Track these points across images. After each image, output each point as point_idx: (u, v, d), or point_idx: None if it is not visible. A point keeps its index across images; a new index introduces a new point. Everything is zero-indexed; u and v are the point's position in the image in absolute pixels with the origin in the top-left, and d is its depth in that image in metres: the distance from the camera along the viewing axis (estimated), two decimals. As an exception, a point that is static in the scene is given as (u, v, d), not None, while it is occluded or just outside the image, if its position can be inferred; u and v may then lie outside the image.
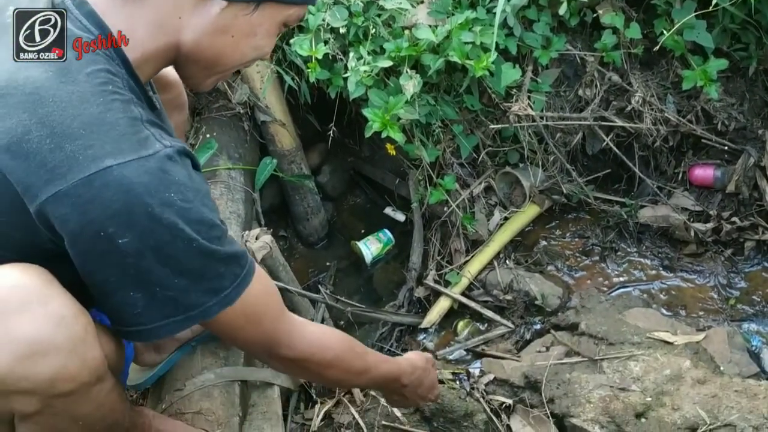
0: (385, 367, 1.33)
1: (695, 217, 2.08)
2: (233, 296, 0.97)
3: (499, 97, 2.01)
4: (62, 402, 0.89)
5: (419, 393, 1.46)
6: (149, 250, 0.87)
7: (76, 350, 0.86)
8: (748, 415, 1.53)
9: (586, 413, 1.61)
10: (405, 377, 1.38)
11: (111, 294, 0.90)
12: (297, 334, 1.11)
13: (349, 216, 2.60)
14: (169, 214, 0.86)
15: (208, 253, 0.91)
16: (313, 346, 1.13)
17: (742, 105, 2.06)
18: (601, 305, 1.92)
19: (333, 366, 1.17)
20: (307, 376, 1.25)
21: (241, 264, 0.98)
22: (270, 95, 2.21)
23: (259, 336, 1.06)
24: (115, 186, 0.83)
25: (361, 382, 1.34)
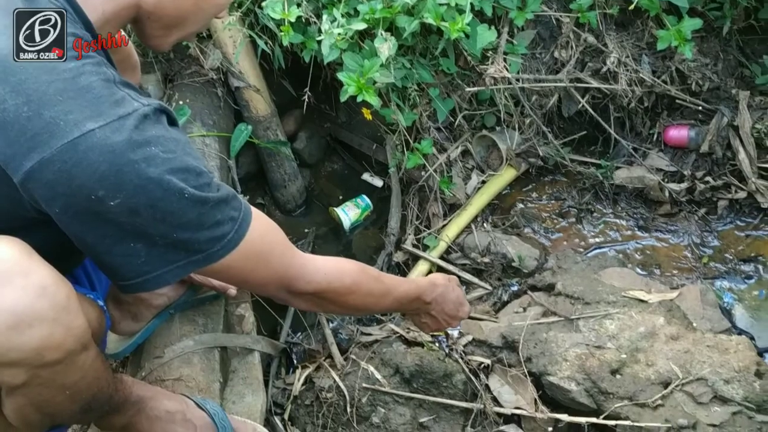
0: (405, 287, 1.35)
1: (670, 178, 2.11)
2: (236, 239, 0.98)
3: (475, 59, 1.99)
4: (49, 372, 0.89)
5: (447, 311, 1.47)
6: (143, 207, 0.87)
7: (61, 319, 0.86)
8: (720, 369, 1.57)
9: (562, 371, 1.64)
10: (427, 294, 1.39)
11: (110, 250, 0.91)
12: (310, 266, 1.12)
13: (326, 182, 2.59)
14: (154, 167, 0.87)
15: (201, 201, 0.92)
16: (328, 275, 1.14)
17: (716, 65, 2.07)
18: (577, 266, 1.94)
19: (353, 292, 1.19)
20: (330, 308, 1.24)
21: (235, 206, 0.98)
22: (243, 60, 2.17)
23: (271, 275, 1.07)
24: (100, 148, 0.84)
25: (385, 304, 1.34)
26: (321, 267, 1.14)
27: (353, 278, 1.19)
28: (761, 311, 1.84)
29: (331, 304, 1.20)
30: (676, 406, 1.53)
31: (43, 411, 0.96)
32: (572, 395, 1.60)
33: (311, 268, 1.12)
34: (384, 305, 1.36)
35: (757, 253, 1.96)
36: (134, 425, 1.16)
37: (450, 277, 1.53)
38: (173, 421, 1.18)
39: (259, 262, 1.04)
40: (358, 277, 1.20)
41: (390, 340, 1.84)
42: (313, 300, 1.16)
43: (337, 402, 1.68)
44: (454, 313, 1.51)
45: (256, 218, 1.02)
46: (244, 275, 1.04)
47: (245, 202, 1.02)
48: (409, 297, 1.36)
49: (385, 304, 1.34)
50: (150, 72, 2.20)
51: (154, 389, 1.21)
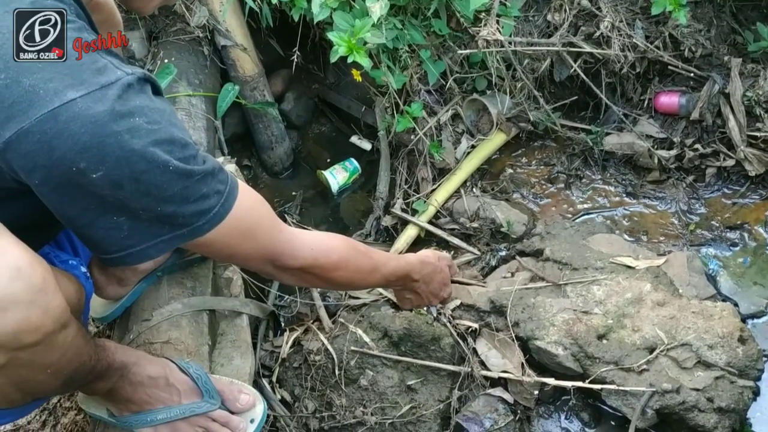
0: (394, 263, 1.33)
1: (659, 144, 2.11)
2: (222, 213, 0.96)
3: (467, 21, 1.96)
4: (28, 353, 0.87)
5: (431, 289, 1.46)
6: (126, 180, 0.85)
7: (37, 301, 0.84)
8: (704, 334, 1.59)
9: (549, 336, 1.65)
10: (415, 272, 1.38)
11: (92, 223, 0.89)
12: (297, 241, 1.11)
13: (314, 145, 2.56)
14: (138, 138, 0.84)
15: (186, 174, 0.89)
16: (315, 250, 1.12)
17: (710, 31, 2.05)
18: (565, 231, 1.94)
19: (340, 267, 1.17)
20: (317, 283, 1.22)
21: (221, 180, 0.96)
22: (230, 18, 2.12)
23: (258, 250, 1.06)
24: (81, 119, 0.81)
25: (373, 280, 1.32)
26: (308, 242, 1.13)
27: (340, 254, 1.18)
28: (745, 278, 1.86)
29: (318, 279, 1.18)
30: (661, 371, 1.56)
31: (24, 389, 0.94)
32: (559, 360, 1.62)
33: (298, 243, 1.11)
34: (372, 281, 1.34)
35: (743, 221, 1.98)
36: (117, 390, 1.15)
37: (440, 255, 1.51)
38: (156, 386, 1.17)
39: (245, 237, 1.02)
40: (346, 253, 1.19)
41: (378, 303, 1.84)
42: (300, 275, 1.15)
43: (326, 364, 1.69)
44: (437, 292, 1.49)
45: (243, 192, 1.00)
46: (230, 249, 1.02)
47: (231, 175, 1.00)
48: (397, 274, 1.34)
49: (372, 280, 1.32)
50: (134, 29, 2.15)
51: (137, 354, 1.20)
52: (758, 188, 2.03)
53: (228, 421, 1.20)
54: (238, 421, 1.21)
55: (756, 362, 1.58)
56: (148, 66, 2.13)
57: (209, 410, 1.19)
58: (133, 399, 1.16)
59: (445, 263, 1.52)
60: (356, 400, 1.65)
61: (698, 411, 1.50)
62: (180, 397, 1.18)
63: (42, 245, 1.08)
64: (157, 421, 1.16)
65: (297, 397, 1.70)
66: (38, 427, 1.54)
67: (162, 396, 1.17)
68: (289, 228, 1.12)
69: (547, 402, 1.69)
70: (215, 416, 1.19)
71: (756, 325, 1.77)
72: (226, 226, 0.97)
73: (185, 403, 1.18)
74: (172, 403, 1.17)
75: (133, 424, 1.17)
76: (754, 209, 2.00)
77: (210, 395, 1.20)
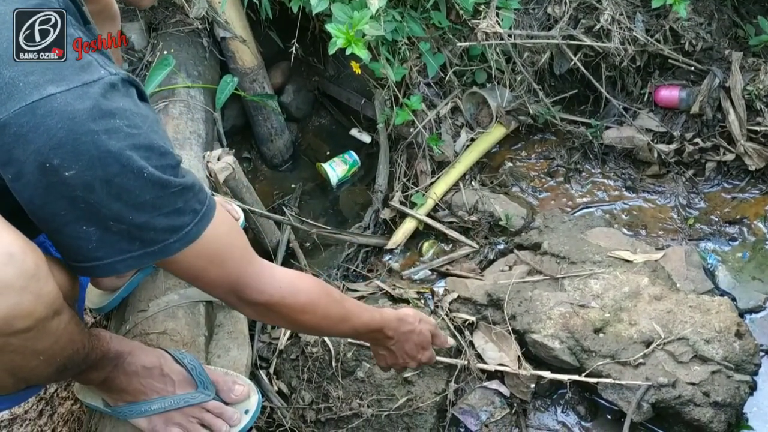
0: (368, 316, 1.26)
1: (659, 138, 2.10)
2: (194, 233, 0.93)
3: (467, 13, 1.96)
4: (20, 339, 0.86)
5: (406, 350, 1.37)
6: (98, 183, 0.83)
7: (29, 287, 0.83)
8: (701, 329, 1.59)
9: (546, 329, 1.65)
10: (389, 329, 1.30)
11: (62, 228, 0.87)
12: (266, 276, 1.06)
13: (314, 137, 2.56)
14: (116, 141, 0.83)
15: (162, 184, 0.87)
16: (283, 289, 1.07)
17: (710, 25, 2.04)
18: (563, 225, 1.94)
19: (307, 311, 1.11)
20: (282, 323, 1.18)
21: (199, 199, 0.94)
22: (229, 10, 2.12)
23: (223, 278, 1.02)
24: (59, 114, 0.80)
25: (343, 330, 1.25)
26: (278, 279, 1.08)
27: (310, 297, 1.11)
28: (744, 273, 1.86)
29: (283, 320, 1.13)
30: (657, 365, 1.55)
31: (17, 375, 0.94)
32: (555, 353, 1.62)
33: (267, 278, 1.06)
34: (340, 331, 1.28)
35: (742, 216, 1.97)
36: (112, 380, 1.15)
37: (423, 317, 1.42)
38: (150, 376, 1.17)
39: (213, 262, 0.99)
40: (316, 297, 1.13)
41: (376, 296, 1.84)
42: (264, 312, 1.10)
43: (323, 356, 1.69)
44: (413, 353, 1.39)
45: (219, 216, 0.97)
46: (195, 272, 0.99)
47: (212, 198, 0.97)
48: (369, 327, 1.26)
49: (341, 329, 1.25)
50: (133, 20, 2.15)
51: (131, 344, 1.20)
52: (758, 183, 2.02)
53: (222, 412, 1.20)
54: (232, 411, 1.21)
55: (753, 357, 1.58)
56: (147, 57, 2.13)
57: (203, 401, 1.19)
58: (127, 389, 1.16)
59: (427, 327, 1.42)
60: (353, 392, 1.65)
61: (694, 405, 1.50)
62: (174, 388, 1.19)
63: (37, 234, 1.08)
64: (151, 411, 1.17)
65: (294, 389, 1.70)
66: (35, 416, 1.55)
67: (156, 386, 1.17)
68: (260, 261, 1.07)
69: (543, 395, 1.69)
70: (209, 407, 1.20)
71: (754, 320, 1.77)
72: (196, 248, 0.94)
73: (179, 393, 1.18)
74: (166, 394, 1.18)
75: (128, 414, 1.18)
76: (753, 204, 2.00)
77: (204, 386, 1.20)
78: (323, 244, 2.12)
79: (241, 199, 1.82)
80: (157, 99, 1.95)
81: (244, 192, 1.83)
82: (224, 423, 1.20)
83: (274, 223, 2.03)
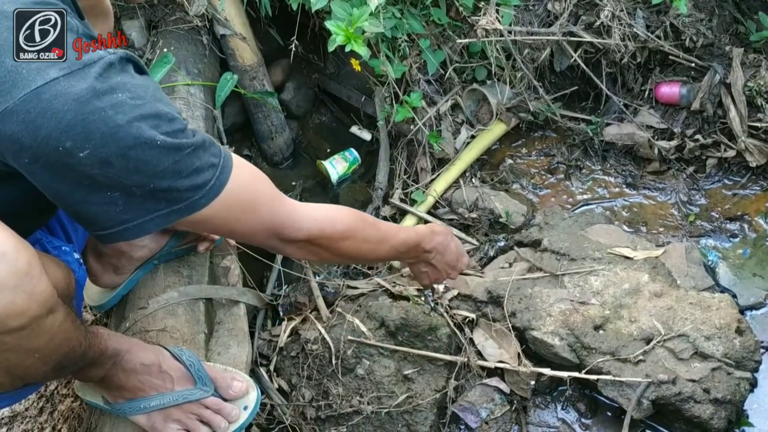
0: (404, 234, 1.30)
1: (660, 135, 2.09)
2: (218, 186, 0.94)
3: (466, 10, 1.95)
4: (15, 337, 0.87)
5: (447, 260, 1.42)
6: (114, 158, 0.84)
7: (22, 285, 0.84)
8: (701, 325, 1.58)
9: (546, 326, 1.65)
10: (426, 242, 1.34)
11: (85, 198, 0.88)
12: (300, 213, 1.08)
13: (314, 135, 2.56)
14: (122, 114, 0.84)
15: (175, 148, 0.88)
16: (319, 221, 1.10)
17: (711, 21, 2.04)
18: (564, 222, 1.94)
19: (347, 237, 1.14)
20: (325, 255, 1.17)
21: (213, 153, 0.95)
22: (229, 7, 2.11)
23: (259, 224, 1.04)
24: (64, 96, 0.81)
25: (383, 252, 1.27)
26: (312, 213, 1.10)
27: (347, 224, 1.15)
28: (744, 270, 1.86)
29: (326, 251, 1.15)
30: (657, 362, 1.55)
31: (13, 374, 0.95)
32: (555, 350, 1.62)
33: (301, 215, 1.08)
34: (382, 253, 1.29)
35: (743, 212, 1.97)
36: (111, 377, 1.15)
37: (447, 228, 1.48)
38: (149, 373, 1.18)
39: (245, 211, 1.01)
40: (353, 224, 1.16)
41: (376, 293, 1.84)
42: (307, 247, 1.12)
43: (323, 354, 1.69)
44: (454, 263, 1.45)
45: (239, 165, 0.99)
46: (230, 224, 1.01)
47: (225, 149, 0.98)
48: (407, 244, 1.31)
49: (382, 251, 1.28)
50: (133, 18, 2.15)
51: (130, 341, 1.20)
52: (759, 179, 2.02)
53: (221, 408, 1.20)
54: (231, 408, 1.21)
55: (753, 353, 1.57)
56: (147, 55, 2.13)
57: (202, 397, 1.19)
58: (126, 386, 1.17)
59: (453, 234, 1.47)
60: (353, 390, 1.65)
61: (694, 402, 1.50)
62: (173, 384, 1.19)
63: (33, 231, 1.08)
64: (150, 408, 1.17)
65: (294, 386, 1.70)
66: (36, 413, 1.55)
67: (155, 383, 1.18)
68: (291, 200, 1.09)
69: (543, 392, 1.69)
70: (208, 403, 1.20)
71: (754, 317, 1.77)
72: (224, 200, 0.95)
73: (178, 390, 1.18)
74: (164, 390, 1.18)
75: (127, 411, 1.18)
76: (754, 200, 1.99)
77: (203, 382, 1.21)
78: (323, 242, 2.12)
79: (241, 197, 1.81)
80: (156, 96, 1.95)
81: (243, 189, 1.83)
82: (223, 419, 1.20)
83: (274, 221, 2.03)
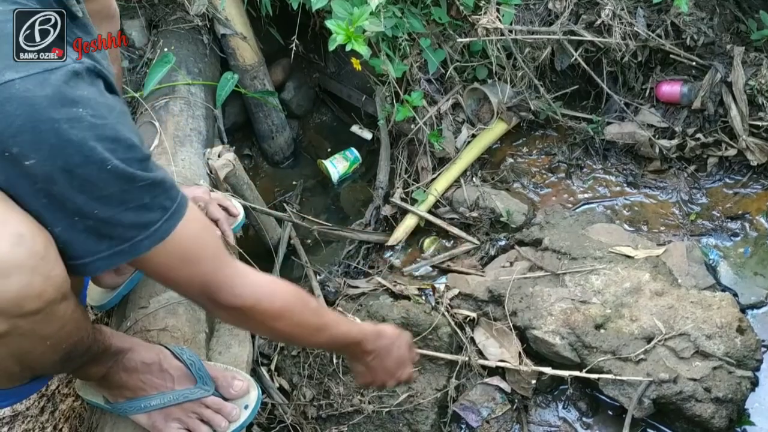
0: (345, 327, 1.22)
1: (661, 134, 2.09)
2: (164, 231, 0.90)
3: (467, 9, 1.95)
4: (29, 321, 0.86)
5: (386, 366, 1.32)
6: (59, 173, 0.80)
7: (39, 268, 0.83)
8: (702, 324, 1.58)
9: (547, 325, 1.65)
10: (368, 342, 1.25)
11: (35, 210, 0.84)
12: (241, 279, 1.03)
13: (315, 134, 2.56)
14: (78, 130, 0.80)
15: (126, 178, 0.84)
16: (257, 293, 1.04)
17: (712, 19, 2.03)
18: (565, 221, 1.94)
19: (282, 317, 1.07)
20: (256, 328, 1.14)
21: (170, 196, 0.91)
22: (230, 7, 2.11)
23: (196, 278, 0.99)
24: (18, 100, 0.78)
25: (319, 340, 1.20)
26: (253, 282, 1.04)
27: (286, 303, 1.08)
28: (745, 268, 1.85)
29: (256, 325, 1.10)
30: (658, 361, 1.55)
31: (24, 362, 0.95)
32: (556, 349, 1.62)
33: (241, 281, 1.02)
34: (316, 341, 1.22)
35: (744, 211, 1.97)
36: (112, 376, 1.16)
37: (403, 333, 1.37)
38: (150, 372, 1.18)
39: (185, 261, 0.96)
40: (291, 304, 1.09)
41: (377, 293, 1.84)
42: (237, 316, 1.06)
43: (323, 353, 1.69)
44: (393, 370, 1.34)
45: (192, 214, 0.95)
46: (167, 272, 0.96)
47: (183, 195, 0.94)
48: (347, 339, 1.22)
49: (318, 339, 1.20)
50: (134, 18, 2.15)
51: (131, 340, 1.20)
52: (760, 178, 2.02)
53: (221, 408, 1.20)
54: (231, 407, 1.21)
55: (754, 352, 1.57)
56: (147, 54, 2.13)
57: (202, 396, 1.19)
58: (127, 385, 1.17)
59: (405, 341, 1.37)
60: (354, 389, 1.65)
61: (695, 401, 1.50)
62: (173, 383, 1.19)
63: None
64: (150, 407, 1.17)
65: (295, 386, 1.71)
66: (37, 413, 1.55)
67: (156, 382, 1.18)
68: (236, 263, 1.05)
69: (544, 391, 1.69)
70: (208, 402, 1.20)
71: (755, 316, 1.76)
72: (167, 246, 0.91)
73: (178, 389, 1.18)
74: (165, 389, 1.18)
75: (128, 410, 1.18)
76: (755, 199, 1.99)
77: (203, 381, 1.21)
78: (324, 241, 2.12)
79: (242, 196, 1.82)
80: (157, 96, 1.95)
81: (245, 189, 1.83)
82: (223, 418, 1.20)
83: (275, 220, 2.03)
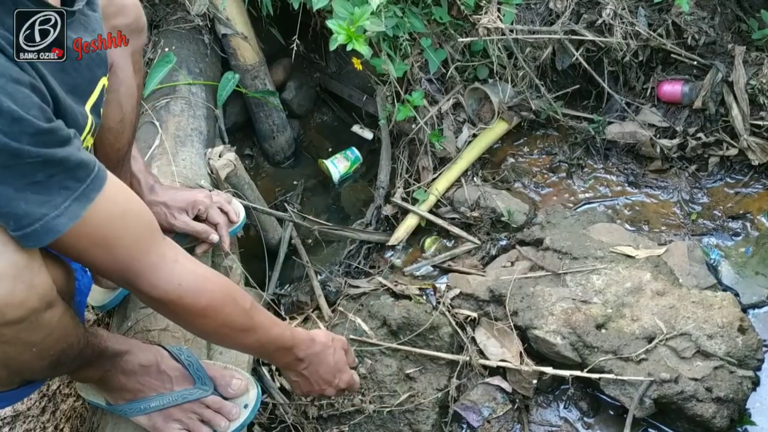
0: (277, 331, 1.15)
1: (662, 133, 2.09)
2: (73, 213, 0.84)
3: (468, 9, 1.95)
4: (13, 330, 0.86)
5: (321, 374, 1.26)
6: None
7: (21, 276, 0.83)
8: (704, 324, 1.58)
9: (548, 325, 1.65)
10: (300, 349, 1.19)
11: None
12: (165, 271, 0.97)
13: (316, 134, 2.56)
14: None
15: (10, 152, 0.76)
16: (182, 287, 0.98)
17: (713, 19, 2.03)
18: (566, 221, 1.94)
19: (206, 315, 1.02)
20: (177, 322, 1.07)
21: (77, 177, 0.84)
22: (230, 6, 2.11)
23: (111, 264, 0.94)
24: None
25: (246, 342, 1.13)
26: (179, 275, 0.98)
27: (211, 300, 1.01)
28: (747, 268, 1.85)
29: (178, 319, 1.06)
30: (659, 361, 1.55)
31: (11, 368, 0.94)
32: (557, 349, 1.61)
33: (165, 273, 0.97)
34: (243, 342, 1.14)
35: (745, 211, 1.96)
36: (110, 378, 1.16)
37: (337, 338, 1.31)
38: (148, 374, 1.18)
39: (98, 245, 0.91)
40: (220, 303, 1.03)
41: (378, 292, 1.84)
42: (158, 307, 1.02)
43: (324, 353, 1.69)
44: (329, 378, 1.27)
45: (111, 198, 0.89)
46: (77, 253, 0.91)
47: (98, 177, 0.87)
48: (277, 344, 1.16)
49: (245, 341, 1.13)
50: (134, 17, 2.14)
51: (129, 342, 1.20)
52: (761, 178, 2.01)
53: (221, 407, 1.20)
54: (231, 406, 1.21)
55: (755, 352, 1.57)
56: (148, 54, 2.13)
57: (201, 396, 1.19)
58: (126, 387, 1.17)
59: (340, 346, 1.31)
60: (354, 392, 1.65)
61: (696, 401, 1.50)
62: (172, 384, 1.19)
63: None
64: (150, 409, 1.17)
65: (296, 385, 1.70)
66: (38, 413, 1.56)
67: (154, 384, 1.18)
68: (163, 253, 0.98)
69: (545, 391, 1.69)
70: (208, 402, 1.20)
71: (757, 315, 1.76)
72: (78, 229, 0.85)
73: (177, 390, 1.18)
74: (164, 391, 1.18)
75: (128, 412, 1.18)
76: (756, 199, 1.99)
77: (202, 381, 1.21)
78: (325, 241, 2.12)
79: (243, 196, 1.82)
80: (158, 96, 1.95)
81: (245, 189, 1.83)
82: (223, 418, 1.20)
83: (276, 220, 2.03)
